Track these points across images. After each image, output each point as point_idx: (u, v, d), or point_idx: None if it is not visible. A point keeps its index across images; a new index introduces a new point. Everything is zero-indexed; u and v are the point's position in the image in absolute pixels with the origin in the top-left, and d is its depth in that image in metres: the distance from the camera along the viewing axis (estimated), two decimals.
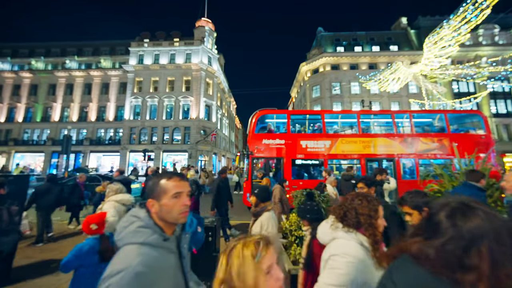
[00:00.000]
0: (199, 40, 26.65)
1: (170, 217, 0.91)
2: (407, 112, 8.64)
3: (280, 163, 7.83)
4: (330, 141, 7.88)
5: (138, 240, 0.81)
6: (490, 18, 11.31)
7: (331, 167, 8.12)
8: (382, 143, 7.86)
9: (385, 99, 25.09)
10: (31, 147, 25.71)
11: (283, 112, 8.70)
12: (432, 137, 7.91)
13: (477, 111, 8.67)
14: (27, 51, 29.54)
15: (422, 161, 7.84)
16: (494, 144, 7.93)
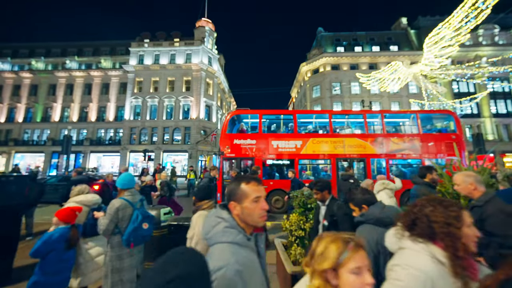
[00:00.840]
0: (199, 40, 26.66)
1: (251, 219, 0.95)
2: (380, 112, 8.68)
3: (252, 163, 7.84)
4: (301, 141, 7.89)
5: (227, 239, 0.86)
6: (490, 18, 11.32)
7: (302, 167, 8.12)
8: (353, 143, 7.88)
9: (385, 99, 25.10)
10: (31, 147, 25.72)
11: (255, 112, 8.82)
12: (403, 137, 7.91)
13: (449, 111, 8.61)
14: (27, 51, 29.56)
15: (393, 161, 7.86)
16: (464, 144, 7.87)
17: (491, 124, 24.00)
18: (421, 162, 7.55)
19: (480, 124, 24.24)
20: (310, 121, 9.05)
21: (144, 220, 2.18)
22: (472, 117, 23.96)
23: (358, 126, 8.84)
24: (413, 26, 28.67)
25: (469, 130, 24.39)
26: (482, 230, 1.77)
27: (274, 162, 8.03)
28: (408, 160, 7.88)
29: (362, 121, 8.41)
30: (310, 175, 8.13)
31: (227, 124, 8.11)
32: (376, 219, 1.45)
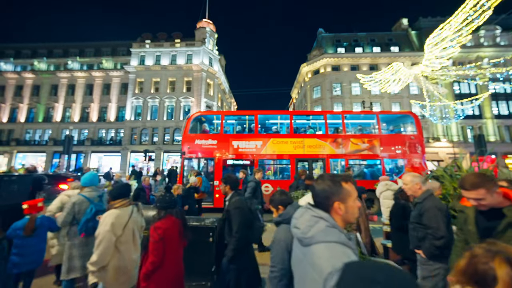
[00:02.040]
0: (200, 41, 26.75)
1: (353, 218, 0.96)
2: (340, 113, 8.69)
3: (213, 163, 7.91)
4: (261, 142, 7.93)
5: (332, 239, 0.83)
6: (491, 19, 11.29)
7: (262, 167, 8.11)
8: (312, 144, 7.90)
9: (386, 100, 25.06)
10: (33, 147, 25.83)
11: (217, 113, 9.02)
12: (362, 137, 7.96)
13: (409, 112, 8.63)
14: (30, 52, 29.77)
15: (352, 161, 7.92)
16: (423, 144, 7.88)
17: (493, 125, 23.89)
18: (380, 163, 7.60)
19: (481, 126, 24.13)
20: (274, 122, 9.15)
21: (98, 213, 2.40)
22: (473, 118, 23.86)
23: (318, 127, 8.96)
24: (414, 27, 28.64)
25: (470, 131, 24.29)
26: (421, 224, 2.10)
27: (235, 162, 8.06)
28: (368, 160, 7.93)
29: (322, 121, 8.49)
30: (270, 175, 8.16)
31: (189, 124, 8.20)
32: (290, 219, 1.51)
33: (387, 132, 8.43)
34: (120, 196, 2.12)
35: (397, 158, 7.77)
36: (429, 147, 23.75)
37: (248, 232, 2.18)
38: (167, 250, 1.81)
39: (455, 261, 0.81)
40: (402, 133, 8.22)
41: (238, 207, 2.24)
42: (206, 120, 9.09)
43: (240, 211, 2.20)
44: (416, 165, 7.36)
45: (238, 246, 2.09)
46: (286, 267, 1.31)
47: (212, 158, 7.85)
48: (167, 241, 1.82)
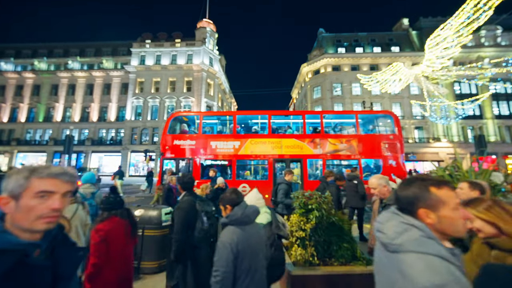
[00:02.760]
0: (201, 41, 26.77)
1: (454, 231, 0.82)
2: (319, 113, 8.63)
3: (191, 163, 7.87)
4: (239, 142, 7.87)
5: (428, 250, 0.75)
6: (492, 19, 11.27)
7: (241, 167, 8.16)
8: (290, 144, 7.83)
9: (386, 100, 25.03)
10: (34, 147, 25.88)
11: (196, 113, 8.98)
12: (340, 138, 7.89)
13: (388, 112, 8.53)
14: (30, 52, 29.81)
15: (329, 161, 7.87)
16: (403, 144, 7.77)
17: (494, 125, 23.86)
18: (358, 163, 7.58)
19: (482, 126, 24.09)
20: (252, 122, 9.14)
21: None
22: (474, 118, 23.83)
23: (296, 127, 8.89)
24: (415, 27, 28.61)
25: (471, 131, 24.26)
26: None
27: (213, 162, 8.07)
28: (345, 160, 7.91)
29: (301, 121, 8.41)
30: (248, 175, 8.15)
31: (168, 125, 8.21)
32: (237, 220, 1.49)
33: (367, 132, 8.40)
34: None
35: (375, 158, 7.72)
36: (429, 147, 23.72)
37: (189, 234, 2.13)
38: (111, 251, 1.79)
39: None
40: (381, 133, 8.12)
41: (180, 208, 2.22)
42: (190, 121, 9.12)
43: (180, 212, 2.18)
44: (394, 165, 7.32)
45: (177, 248, 2.07)
46: (229, 269, 1.31)
47: (190, 159, 7.84)
48: (110, 242, 1.81)
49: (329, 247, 2.82)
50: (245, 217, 1.50)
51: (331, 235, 2.86)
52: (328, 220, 2.86)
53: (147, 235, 3.26)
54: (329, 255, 2.81)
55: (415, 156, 22.62)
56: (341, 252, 2.75)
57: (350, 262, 2.74)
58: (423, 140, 24.25)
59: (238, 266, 1.35)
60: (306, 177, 7.56)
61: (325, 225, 2.85)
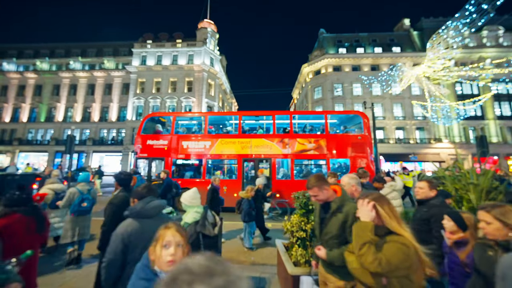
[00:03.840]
0: (201, 41, 26.82)
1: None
2: (288, 113, 8.70)
3: (163, 162, 8.07)
4: (210, 142, 8.05)
5: None
6: (494, 20, 11.24)
7: (210, 167, 8.28)
8: (259, 144, 7.96)
9: (387, 101, 24.98)
10: (35, 147, 26.00)
11: (169, 114, 9.29)
12: (309, 137, 7.93)
13: (358, 112, 8.53)
14: (32, 52, 29.98)
15: (298, 161, 7.95)
16: (371, 145, 7.82)
17: (495, 126, 23.74)
18: (326, 162, 7.64)
19: (484, 127, 23.99)
20: (222, 123, 9.33)
21: (84, 201, 3.58)
22: (475, 119, 23.73)
23: (266, 127, 8.97)
24: (416, 28, 28.55)
25: (473, 132, 24.15)
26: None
27: (184, 162, 8.25)
28: (314, 160, 7.97)
29: (271, 122, 8.50)
30: (220, 175, 8.28)
31: (142, 125, 8.45)
32: (136, 213, 1.58)
33: (336, 132, 8.50)
34: None
35: (343, 158, 7.76)
36: (430, 148, 23.64)
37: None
38: (7, 248, 1.79)
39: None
40: (351, 132, 8.18)
41: (112, 203, 2.32)
42: (185, 121, 9.37)
43: (112, 207, 2.29)
44: (363, 165, 7.35)
45: (103, 238, 2.17)
46: (116, 258, 1.44)
47: (162, 158, 8.03)
48: (6, 239, 1.81)
49: None
50: (144, 211, 1.58)
51: None
52: None
53: None
54: None
55: (416, 156, 22.55)
56: None
57: None
58: (424, 141, 24.17)
59: (128, 254, 1.47)
60: (275, 177, 7.70)
61: None
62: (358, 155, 7.48)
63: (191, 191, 2.26)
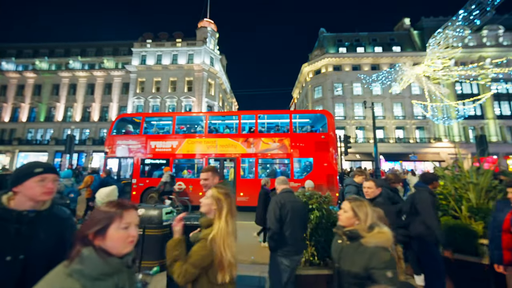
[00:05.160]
0: (201, 40, 26.77)
1: None
2: (254, 112, 8.82)
3: (132, 162, 8.29)
4: (177, 142, 8.22)
5: None
6: (494, 19, 11.23)
7: (178, 166, 8.46)
8: (225, 143, 8.10)
9: (387, 100, 24.97)
10: (35, 147, 25.97)
11: (138, 115, 9.69)
12: (273, 137, 8.05)
13: (323, 111, 8.69)
14: (31, 52, 29.90)
15: (262, 160, 8.08)
16: (335, 144, 7.87)
17: (495, 125, 23.75)
18: (290, 161, 7.74)
19: (483, 126, 24.00)
20: (191, 123, 9.44)
21: (71, 192, 4.42)
22: (475, 118, 23.74)
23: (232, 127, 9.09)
24: (416, 27, 28.51)
25: (472, 131, 24.16)
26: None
27: (151, 161, 8.39)
28: (278, 159, 8.08)
29: (236, 122, 8.65)
30: (185, 174, 8.40)
31: (113, 126, 8.69)
32: None
33: (301, 131, 8.58)
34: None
35: (306, 157, 7.85)
36: (430, 147, 23.65)
37: None
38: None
39: None
40: (315, 132, 8.29)
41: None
42: (147, 122, 9.59)
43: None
44: (326, 164, 7.44)
45: None
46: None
47: (131, 158, 8.27)
48: None
49: (329, 247, 2.82)
50: None
51: (332, 234, 2.86)
52: (328, 220, 2.86)
53: (148, 234, 3.27)
54: (329, 255, 2.81)
55: (416, 156, 22.56)
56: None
57: None
58: (424, 140, 24.18)
59: None
60: (239, 176, 7.85)
61: (326, 225, 2.85)
62: (322, 154, 7.58)
63: (108, 188, 2.26)
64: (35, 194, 1.01)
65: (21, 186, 1.00)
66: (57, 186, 1.12)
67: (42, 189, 1.02)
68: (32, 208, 1.01)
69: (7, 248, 0.93)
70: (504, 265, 2.01)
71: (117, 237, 0.80)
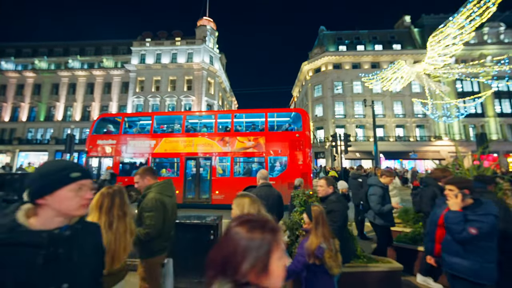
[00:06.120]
0: (201, 39, 26.66)
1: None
2: (230, 112, 8.95)
3: (112, 161, 8.43)
4: (155, 141, 8.33)
5: None
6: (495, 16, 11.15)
7: (156, 165, 8.54)
8: (201, 142, 8.19)
9: (387, 98, 24.91)
10: (35, 146, 25.99)
11: (118, 115, 9.80)
12: (248, 136, 8.10)
13: (297, 109, 8.62)
14: (30, 51, 29.81)
15: (237, 159, 8.16)
16: (309, 142, 7.85)
17: (496, 123, 23.72)
18: (265, 160, 7.79)
19: (484, 124, 23.96)
20: (165, 122, 9.53)
21: None
22: (476, 116, 23.69)
23: (209, 127, 9.13)
24: (417, 25, 28.36)
25: (473, 129, 24.13)
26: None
27: (130, 160, 8.57)
28: (253, 158, 8.13)
29: (213, 121, 8.70)
30: (164, 173, 8.52)
31: (94, 126, 8.87)
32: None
33: (281, 130, 8.64)
34: None
35: (280, 156, 7.90)
36: (430, 145, 23.63)
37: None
38: None
39: None
40: (289, 130, 8.31)
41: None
42: (131, 121, 9.74)
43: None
44: (300, 163, 7.48)
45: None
46: None
47: (111, 157, 8.42)
48: None
49: None
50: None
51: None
52: None
53: None
54: None
55: (416, 154, 22.55)
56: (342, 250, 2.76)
57: (351, 260, 2.74)
58: (424, 139, 24.16)
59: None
60: (215, 174, 7.96)
61: None
62: (296, 153, 7.62)
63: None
64: (71, 208, 0.78)
65: (51, 197, 0.75)
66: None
67: (80, 201, 0.80)
68: (63, 224, 0.79)
69: (46, 280, 0.72)
70: (435, 257, 2.19)
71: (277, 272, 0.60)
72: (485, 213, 1.74)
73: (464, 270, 1.78)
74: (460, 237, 1.76)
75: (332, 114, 25.39)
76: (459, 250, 1.81)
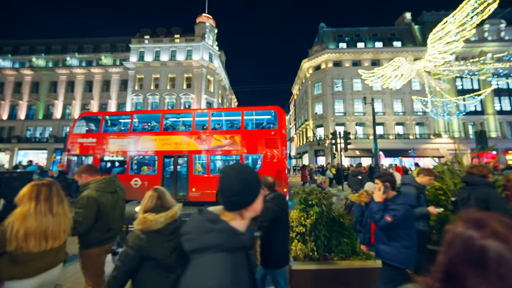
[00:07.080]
0: (200, 36, 26.44)
1: None
2: (207, 110, 9.07)
3: (92, 159, 8.53)
4: (134, 139, 8.48)
5: None
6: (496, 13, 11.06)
7: (134, 163, 8.69)
8: (179, 140, 8.27)
9: (387, 96, 24.87)
10: (34, 144, 25.91)
11: (99, 114, 9.99)
12: (224, 134, 8.17)
13: (273, 107, 8.61)
14: (28, 48, 29.52)
15: (213, 157, 8.24)
16: (284, 140, 7.91)
17: (495, 121, 23.74)
18: (240, 158, 7.89)
19: (483, 122, 23.98)
20: (146, 120, 9.58)
21: None
22: (475, 114, 23.70)
23: (187, 125, 9.21)
24: (417, 22, 28.16)
25: (472, 127, 24.16)
26: None
27: (110, 158, 8.70)
28: (229, 155, 8.24)
29: (191, 119, 8.76)
30: (145, 171, 8.60)
31: (75, 124, 8.92)
32: None
33: (252, 127, 8.70)
34: None
35: (256, 154, 7.96)
36: (430, 143, 23.68)
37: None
38: None
39: None
40: (266, 128, 8.36)
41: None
42: (114, 120, 9.86)
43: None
44: (275, 161, 7.53)
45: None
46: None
47: (91, 155, 8.51)
48: None
49: (329, 242, 2.84)
50: None
51: (331, 230, 2.88)
52: (328, 215, 2.87)
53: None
54: (329, 250, 2.84)
55: (416, 152, 22.60)
56: (341, 247, 2.78)
57: (350, 257, 2.77)
58: (424, 136, 24.19)
59: None
60: (192, 172, 8.04)
61: (325, 221, 2.86)
62: (271, 150, 7.67)
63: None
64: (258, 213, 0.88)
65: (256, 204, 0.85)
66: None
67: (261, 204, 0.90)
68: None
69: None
70: (369, 246, 2.53)
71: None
72: (402, 203, 1.96)
73: (387, 256, 2.01)
74: (380, 225, 1.99)
75: (332, 112, 25.36)
76: (384, 238, 2.03)
